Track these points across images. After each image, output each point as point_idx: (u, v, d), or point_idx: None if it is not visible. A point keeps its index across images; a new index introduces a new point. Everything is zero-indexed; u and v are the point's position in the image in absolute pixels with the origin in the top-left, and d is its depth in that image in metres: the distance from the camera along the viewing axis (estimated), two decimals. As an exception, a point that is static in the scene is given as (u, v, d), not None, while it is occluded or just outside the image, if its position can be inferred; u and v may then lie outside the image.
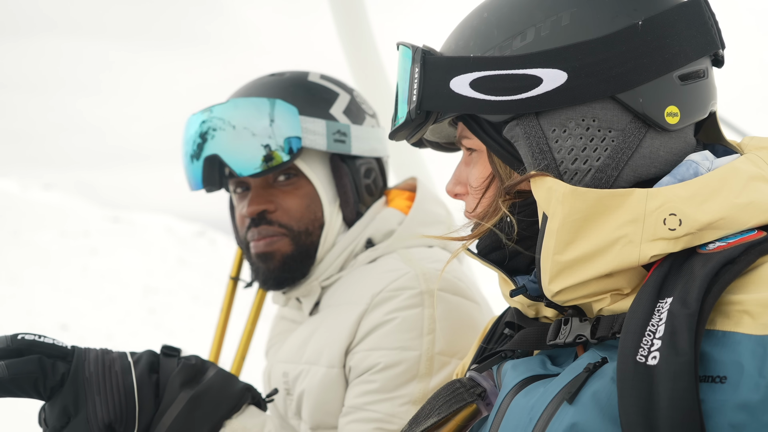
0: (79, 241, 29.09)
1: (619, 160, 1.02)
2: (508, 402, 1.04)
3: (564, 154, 1.02)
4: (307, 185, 1.65)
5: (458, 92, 1.04)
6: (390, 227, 1.67)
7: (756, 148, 1.05)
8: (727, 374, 0.87)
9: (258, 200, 1.64)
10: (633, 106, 1.01)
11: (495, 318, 1.26)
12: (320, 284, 1.66)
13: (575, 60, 1.00)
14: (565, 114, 1.02)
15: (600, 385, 0.94)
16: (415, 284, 1.55)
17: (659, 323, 0.89)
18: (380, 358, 1.51)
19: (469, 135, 1.11)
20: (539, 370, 1.05)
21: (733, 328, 0.89)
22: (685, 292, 0.90)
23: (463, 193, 1.15)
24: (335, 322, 1.60)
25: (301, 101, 1.63)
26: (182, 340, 16.77)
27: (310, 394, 1.59)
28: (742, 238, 0.94)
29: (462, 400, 1.09)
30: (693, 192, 0.96)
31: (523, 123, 1.03)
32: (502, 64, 1.02)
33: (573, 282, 0.97)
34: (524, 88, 1.01)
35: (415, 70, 1.06)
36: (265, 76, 1.70)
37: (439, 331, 1.53)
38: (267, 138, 1.58)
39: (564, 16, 1.02)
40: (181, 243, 33.18)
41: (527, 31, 1.02)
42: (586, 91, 1.00)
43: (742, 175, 0.98)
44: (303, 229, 1.63)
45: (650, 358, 0.88)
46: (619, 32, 1.01)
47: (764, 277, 0.90)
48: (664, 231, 0.94)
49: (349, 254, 1.65)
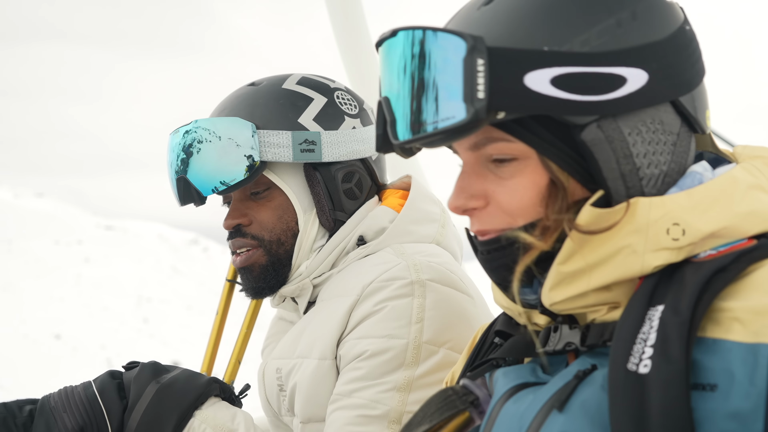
0: (73, 249, 29.02)
1: (680, 164, 1.01)
2: (498, 409, 1.03)
3: (641, 159, 0.98)
4: (280, 196, 1.65)
5: (536, 89, 0.92)
6: (381, 225, 1.67)
7: (750, 158, 1.04)
8: (718, 382, 0.86)
9: (234, 214, 1.66)
10: (689, 109, 1.00)
11: (485, 326, 1.23)
12: (312, 281, 1.67)
13: (654, 60, 0.96)
14: (638, 116, 0.97)
15: (590, 392, 0.93)
16: (406, 274, 1.54)
17: (650, 331, 0.89)
18: (368, 346, 1.51)
19: (508, 138, 0.98)
20: (530, 377, 1.04)
21: (723, 335, 0.88)
22: (676, 300, 0.89)
23: (480, 207, 1.02)
24: (327, 315, 1.59)
25: (267, 114, 1.63)
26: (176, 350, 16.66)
27: (302, 387, 1.61)
28: (733, 246, 0.94)
29: (454, 407, 1.08)
30: (695, 201, 0.95)
31: (605, 126, 0.96)
32: (585, 61, 0.93)
33: (574, 293, 0.96)
34: (610, 88, 0.94)
35: (477, 62, 0.92)
36: (243, 87, 1.72)
37: (428, 320, 1.51)
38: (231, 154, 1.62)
39: (632, 13, 0.97)
40: (174, 251, 33.10)
41: (604, 28, 0.95)
42: (661, 92, 0.97)
43: (741, 184, 0.98)
44: (275, 240, 1.65)
45: (642, 366, 0.87)
46: (677, 33, 0.99)
47: (755, 285, 0.90)
48: (667, 241, 0.93)
49: (340, 252, 1.65)
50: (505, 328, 1.12)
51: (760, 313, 0.86)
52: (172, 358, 21.51)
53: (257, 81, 1.71)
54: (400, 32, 0.97)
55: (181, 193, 1.65)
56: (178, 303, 26.83)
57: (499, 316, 1.17)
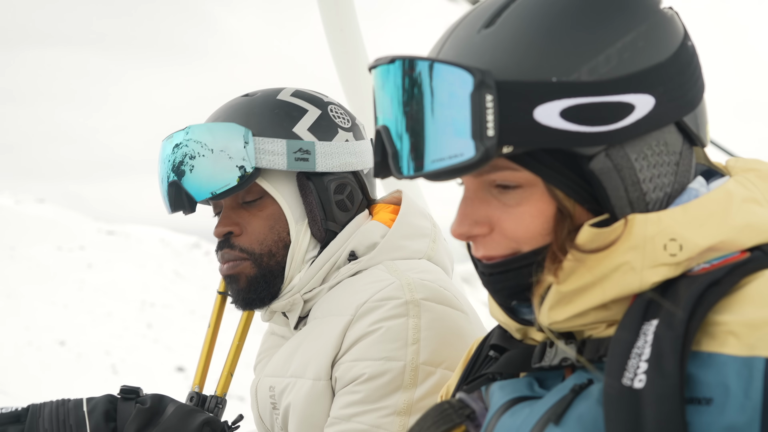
0: (75, 255, 28.94)
1: (683, 184, 1.00)
2: (494, 423, 1.03)
3: (647, 183, 0.97)
4: (272, 205, 1.65)
5: (545, 123, 0.90)
6: (373, 240, 1.65)
7: (743, 170, 1.03)
8: (713, 396, 0.86)
9: (225, 222, 1.65)
10: (693, 128, 0.99)
11: (480, 339, 1.23)
12: (302, 297, 1.65)
13: (660, 83, 0.95)
14: (644, 141, 0.96)
15: (585, 407, 0.93)
16: (400, 294, 1.53)
17: (645, 345, 0.88)
18: (364, 369, 1.50)
19: (514, 167, 0.97)
20: (526, 391, 1.03)
21: (718, 349, 0.87)
22: (670, 315, 0.89)
23: (484, 234, 1.01)
24: (320, 334, 1.59)
25: (262, 122, 1.63)
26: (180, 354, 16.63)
27: (296, 407, 1.59)
28: (726, 260, 0.93)
29: (450, 421, 1.07)
30: (691, 216, 0.95)
31: (613, 154, 0.95)
32: (594, 90, 0.92)
33: (572, 313, 0.96)
34: (619, 117, 0.92)
35: (486, 98, 0.89)
36: (238, 98, 1.71)
37: (424, 341, 1.51)
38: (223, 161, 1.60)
39: (637, 34, 0.95)
40: (176, 255, 33.04)
41: (609, 52, 0.93)
42: (667, 115, 0.96)
43: (735, 197, 0.97)
44: (266, 252, 1.64)
45: (637, 381, 0.87)
46: (679, 51, 0.98)
47: (749, 298, 0.89)
48: (665, 257, 0.93)
49: (331, 266, 1.64)
50: (501, 342, 1.12)
51: (754, 326, 0.87)
52: (176, 364, 21.51)
53: (251, 93, 1.72)
54: (398, 61, 0.94)
55: (171, 200, 1.64)
56: (181, 308, 26.76)
57: (494, 330, 1.17)
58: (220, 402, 1.81)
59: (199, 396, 1.81)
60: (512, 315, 1.05)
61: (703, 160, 1.08)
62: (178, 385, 19.21)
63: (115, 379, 19.80)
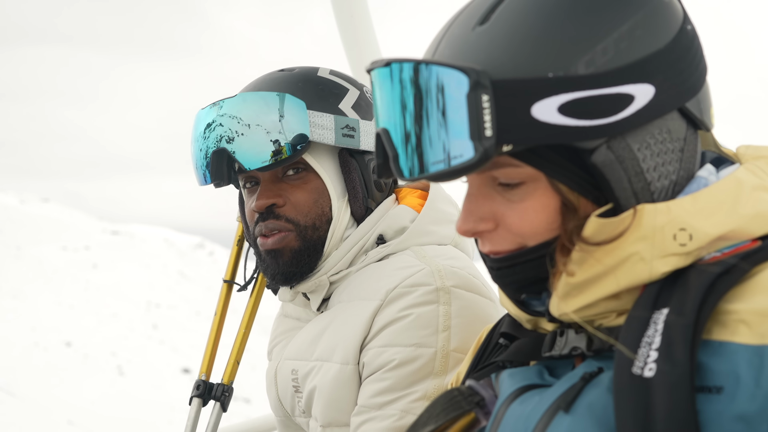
0: (81, 255, 29.00)
1: (689, 170, 0.99)
2: (504, 410, 1.02)
3: (651, 173, 0.96)
4: (315, 179, 1.63)
5: (543, 120, 0.89)
6: (402, 224, 1.65)
7: (753, 158, 1.02)
8: (724, 385, 0.85)
9: (267, 194, 1.62)
10: (696, 113, 0.98)
11: (490, 327, 1.22)
12: (329, 279, 1.64)
13: (659, 71, 0.93)
14: (646, 130, 0.95)
15: (596, 395, 0.92)
16: (431, 281, 1.53)
17: (655, 334, 0.88)
18: (395, 355, 1.50)
19: (516, 164, 0.96)
20: (536, 379, 1.03)
21: (729, 337, 0.87)
22: (681, 303, 0.88)
23: (490, 229, 1.01)
24: (348, 318, 1.57)
25: (309, 96, 1.61)
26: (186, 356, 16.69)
27: (322, 391, 1.57)
28: (737, 248, 0.92)
29: (459, 408, 1.07)
30: (701, 205, 0.94)
31: (614, 146, 0.94)
32: (592, 83, 0.90)
33: (583, 303, 0.95)
34: (618, 109, 0.91)
35: (482, 98, 0.88)
36: (275, 72, 1.69)
37: (455, 328, 1.51)
38: (275, 133, 1.58)
39: (634, 23, 0.94)
40: (180, 256, 33.09)
41: (606, 43, 0.92)
42: (669, 103, 0.95)
43: (745, 186, 0.96)
44: (310, 224, 1.62)
45: (647, 370, 0.86)
46: (678, 36, 0.96)
47: (760, 286, 0.88)
48: (674, 247, 0.92)
49: (359, 249, 1.63)
50: (511, 330, 1.12)
51: (765, 314, 0.86)
52: (182, 365, 21.53)
53: (287, 68, 1.70)
54: (395, 64, 0.94)
55: (213, 169, 1.60)
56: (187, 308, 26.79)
57: (504, 317, 1.17)
58: (226, 390, 1.82)
59: (206, 384, 1.82)
60: (523, 307, 1.05)
61: (713, 148, 1.07)
62: (184, 386, 19.23)
63: (121, 380, 19.82)
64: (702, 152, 1.05)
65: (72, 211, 36.21)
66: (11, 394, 17.36)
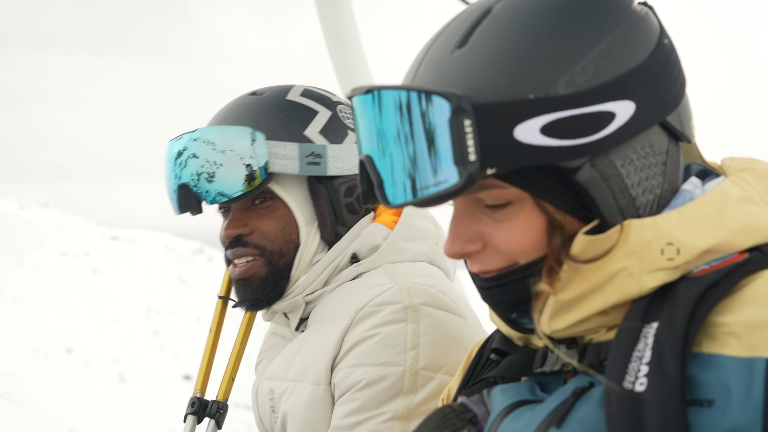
0: (80, 261, 28.96)
1: (673, 183, 0.99)
2: (496, 426, 1.02)
3: (636, 188, 0.96)
4: (283, 207, 1.63)
5: (526, 141, 0.89)
6: (375, 242, 1.64)
7: (738, 170, 1.02)
8: (715, 398, 0.85)
9: (235, 224, 1.64)
10: (677, 126, 0.98)
11: (481, 342, 1.21)
12: (304, 299, 1.65)
13: (639, 87, 0.93)
14: (628, 146, 0.95)
15: (587, 409, 0.92)
16: (399, 299, 1.53)
17: (646, 348, 0.88)
18: (363, 375, 1.50)
19: (501, 186, 0.96)
20: (528, 395, 1.02)
21: (719, 350, 0.86)
22: (670, 317, 0.88)
23: (478, 250, 1.00)
24: (320, 338, 1.58)
25: (274, 124, 1.61)
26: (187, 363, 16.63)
27: (296, 414, 1.58)
28: (725, 261, 0.92)
29: (452, 425, 1.07)
30: (687, 219, 0.94)
31: (598, 164, 0.94)
32: (573, 103, 0.90)
33: (572, 321, 0.95)
34: (600, 126, 0.91)
35: (464, 123, 0.88)
36: (246, 96, 1.68)
37: (423, 346, 1.50)
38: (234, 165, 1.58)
39: (612, 40, 0.94)
40: (180, 261, 33.04)
41: (585, 62, 0.92)
42: (650, 118, 0.95)
43: (731, 198, 0.96)
44: (276, 251, 1.63)
45: (638, 384, 0.86)
46: (656, 51, 0.96)
47: (749, 298, 0.88)
48: (662, 261, 0.92)
49: (333, 269, 1.63)
50: (502, 346, 1.11)
51: (754, 327, 0.86)
52: (183, 372, 21.52)
53: (259, 90, 1.71)
54: (376, 91, 0.93)
55: (180, 201, 1.63)
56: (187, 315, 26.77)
57: (495, 332, 1.16)
58: (221, 407, 1.81)
59: (201, 401, 1.82)
60: (513, 326, 1.05)
61: (699, 160, 1.08)
62: (185, 393, 19.23)
63: (122, 387, 19.81)
64: (687, 165, 1.06)
65: (71, 216, 36.16)
66: (12, 401, 17.35)
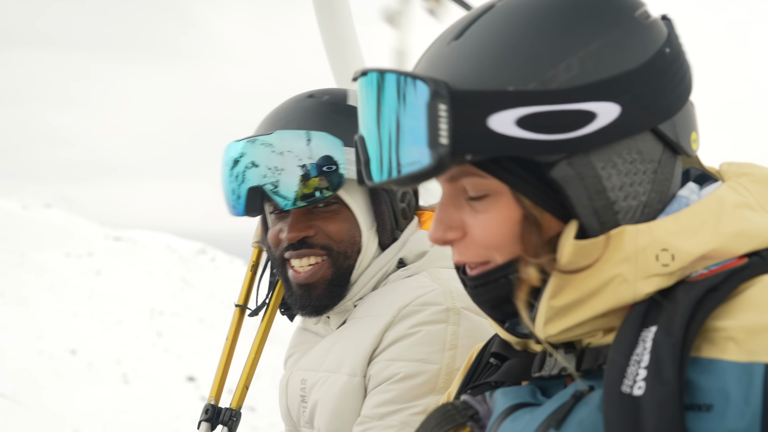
0: (84, 261, 28.95)
1: (662, 193, 0.99)
2: (496, 428, 1.03)
3: (616, 192, 0.96)
4: (346, 212, 1.65)
5: (500, 131, 0.91)
6: (422, 248, 1.69)
7: (736, 175, 1.02)
8: (714, 402, 0.85)
9: (298, 227, 1.65)
10: (670, 136, 0.98)
11: (481, 347, 1.23)
12: (353, 304, 1.68)
13: (626, 91, 0.93)
14: (612, 149, 0.95)
15: (586, 413, 0.93)
16: (442, 300, 1.56)
17: (644, 352, 0.88)
18: (400, 369, 1.53)
19: (481, 174, 0.98)
20: (528, 398, 1.03)
21: (718, 355, 0.87)
22: (669, 321, 0.88)
23: (458, 238, 1.03)
24: (359, 333, 1.61)
25: (343, 130, 1.62)
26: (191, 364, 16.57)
27: (328, 403, 1.60)
28: (724, 265, 0.93)
29: (453, 421, 1.08)
30: (682, 225, 0.94)
31: (576, 162, 0.94)
32: (552, 99, 0.91)
33: (566, 326, 0.96)
34: (579, 125, 0.92)
35: (439, 107, 0.91)
36: (304, 98, 1.69)
37: (461, 348, 1.53)
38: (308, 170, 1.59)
39: (604, 42, 0.95)
40: (183, 262, 33.07)
41: (570, 61, 0.93)
42: (637, 123, 0.95)
43: (727, 204, 0.96)
44: (342, 252, 1.65)
45: (636, 389, 0.86)
46: (654, 59, 0.96)
47: (748, 303, 0.89)
48: (657, 267, 0.92)
49: (382, 275, 1.67)
50: (501, 350, 1.12)
51: (753, 332, 0.86)
52: (187, 374, 21.51)
53: (315, 93, 1.71)
54: (370, 73, 0.97)
55: (248, 203, 1.62)
56: (190, 316, 26.76)
57: (494, 337, 1.18)
58: (234, 415, 1.83)
59: (215, 408, 1.82)
60: (510, 331, 1.07)
61: (697, 165, 1.08)
62: (189, 395, 19.23)
63: (126, 389, 19.79)
64: (686, 170, 1.06)
65: (74, 216, 36.16)
66: (17, 402, 17.35)
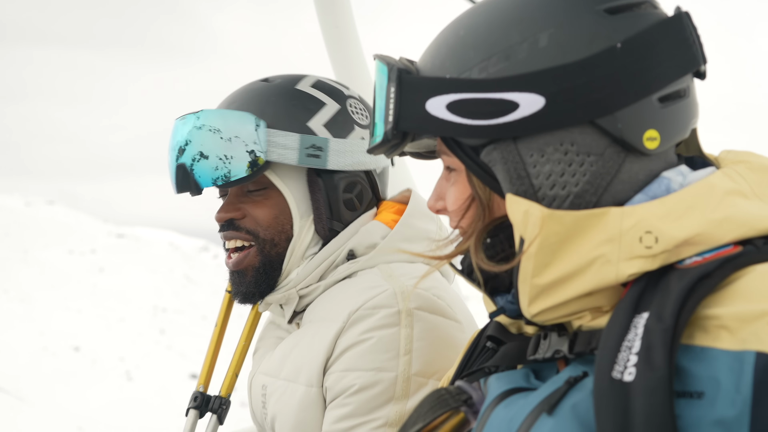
0: (87, 258, 29.02)
1: (598, 185, 1.00)
2: (489, 413, 1.04)
3: (542, 179, 1.00)
4: (278, 197, 1.62)
5: (434, 114, 1.02)
6: (372, 240, 1.62)
7: (733, 162, 1.03)
8: (705, 390, 0.86)
9: (227, 208, 1.64)
10: (611, 131, 0.99)
11: (478, 331, 1.24)
12: (298, 292, 1.63)
13: (553, 84, 0.97)
14: (543, 139, 0.99)
15: (580, 397, 0.93)
16: (393, 303, 1.51)
17: (635, 338, 0.88)
18: (355, 380, 1.49)
19: (448, 152, 1.08)
20: (522, 383, 1.04)
21: (710, 343, 0.87)
22: (660, 307, 0.89)
23: (443, 207, 1.12)
24: (313, 339, 1.57)
25: (278, 113, 1.60)
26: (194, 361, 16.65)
27: (288, 414, 1.58)
28: (718, 253, 0.93)
29: (446, 405, 1.10)
30: (668, 209, 0.95)
31: (501, 147, 1.01)
32: (478, 87, 1.00)
33: (551, 304, 0.97)
34: (501, 113, 0.99)
35: (391, 89, 1.04)
36: (257, 82, 1.68)
37: (416, 351, 1.49)
38: (233, 149, 1.58)
39: (542, 37, 0.99)
40: (186, 259, 33.08)
41: (504, 53, 1.00)
42: (564, 116, 0.98)
43: (717, 190, 0.97)
44: (269, 239, 1.62)
45: (626, 374, 0.87)
46: (597, 55, 0.98)
47: (741, 292, 0.89)
48: (640, 249, 0.93)
49: (329, 265, 1.62)
50: (497, 333, 1.14)
51: (746, 320, 0.87)
52: (190, 371, 21.57)
53: (271, 77, 1.71)
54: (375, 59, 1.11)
55: (179, 181, 1.63)
56: (193, 313, 26.80)
57: (491, 321, 1.18)
58: (224, 403, 1.81)
59: (204, 396, 1.81)
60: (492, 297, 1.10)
61: (696, 152, 1.10)
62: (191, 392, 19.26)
63: (129, 386, 19.87)
64: (691, 158, 1.09)
65: (77, 213, 36.20)
66: (21, 399, 17.42)
